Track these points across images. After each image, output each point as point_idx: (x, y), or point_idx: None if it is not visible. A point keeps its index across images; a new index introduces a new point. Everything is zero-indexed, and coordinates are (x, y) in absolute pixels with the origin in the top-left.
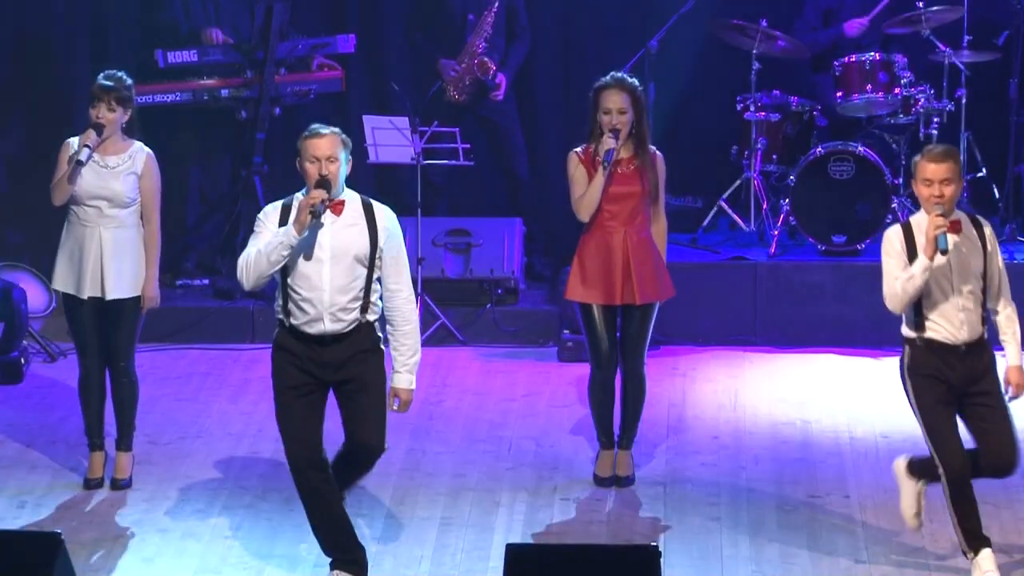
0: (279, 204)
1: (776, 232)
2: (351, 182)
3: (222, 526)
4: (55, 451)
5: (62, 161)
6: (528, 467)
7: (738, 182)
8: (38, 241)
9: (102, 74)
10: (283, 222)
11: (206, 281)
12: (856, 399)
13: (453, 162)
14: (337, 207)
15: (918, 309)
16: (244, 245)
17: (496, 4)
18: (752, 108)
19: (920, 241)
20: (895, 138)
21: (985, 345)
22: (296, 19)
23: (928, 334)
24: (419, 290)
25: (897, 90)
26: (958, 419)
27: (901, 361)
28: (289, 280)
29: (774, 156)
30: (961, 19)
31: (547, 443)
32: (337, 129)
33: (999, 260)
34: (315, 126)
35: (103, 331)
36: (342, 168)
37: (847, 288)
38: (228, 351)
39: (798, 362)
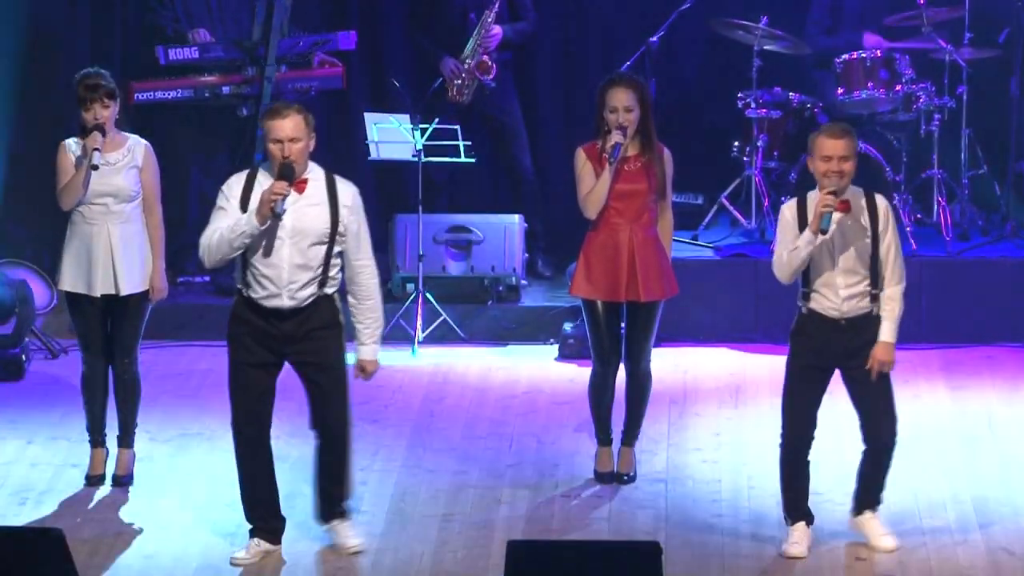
0: (243, 176)
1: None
2: (353, 177)
3: (223, 523)
4: (56, 448)
5: (63, 165)
6: (529, 464)
7: (739, 179)
8: (39, 238)
9: (81, 76)
10: (245, 195)
11: (207, 278)
12: None
13: (454, 159)
14: (300, 185)
15: (805, 280)
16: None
17: (496, 3)
18: (753, 105)
19: (811, 216)
20: (896, 135)
21: (871, 320)
22: (297, 16)
23: (812, 304)
24: (420, 287)
25: (898, 87)
26: (841, 389)
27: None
28: (248, 255)
29: (775, 153)
30: (962, 16)
31: (548, 440)
32: (298, 106)
33: (890, 239)
34: (277, 104)
35: (109, 328)
36: (306, 147)
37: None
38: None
39: None
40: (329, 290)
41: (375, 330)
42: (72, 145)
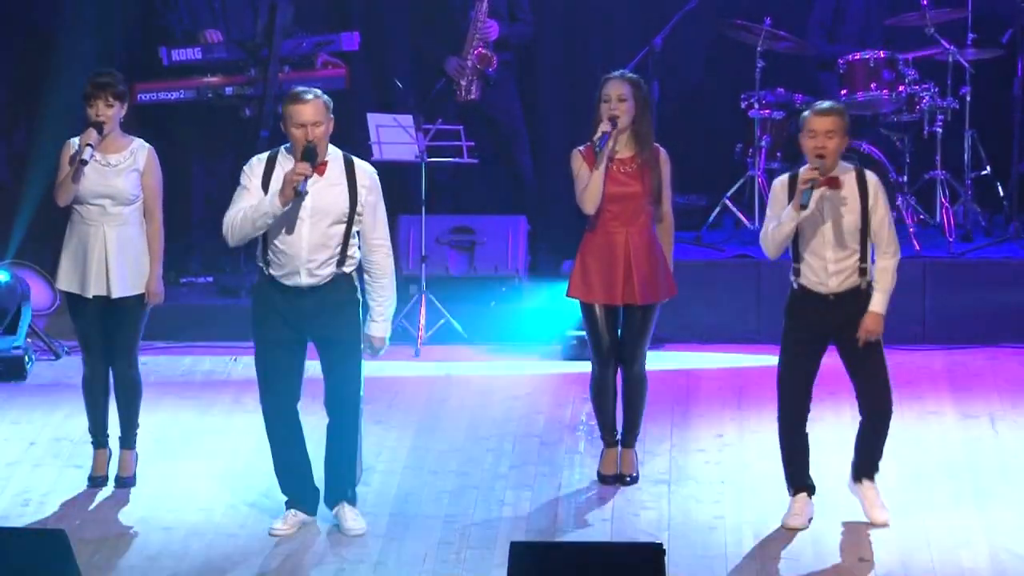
0: (264, 156)
1: None
2: None
3: (226, 524)
4: (59, 449)
5: (64, 162)
6: (532, 465)
7: (742, 180)
8: (42, 239)
9: (93, 72)
10: (266, 176)
11: (210, 279)
12: None
13: (457, 160)
14: (320, 167)
15: (795, 256)
16: (248, 242)
17: None
18: (756, 106)
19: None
20: (899, 136)
21: (861, 295)
22: (300, 17)
23: (802, 280)
24: (423, 287)
25: (901, 88)
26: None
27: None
28: (269, 234)
29: (778, 154)
30: (965, 17)
31: (551, 441)
32: (318, 91)
33: (881, 212)
34: (298, 90)
35: (107, 329)
36: (326, 130)
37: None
38: (232, 349)
39: None
40: (347, 268)
41: (387, 308)
42: (74, 143)
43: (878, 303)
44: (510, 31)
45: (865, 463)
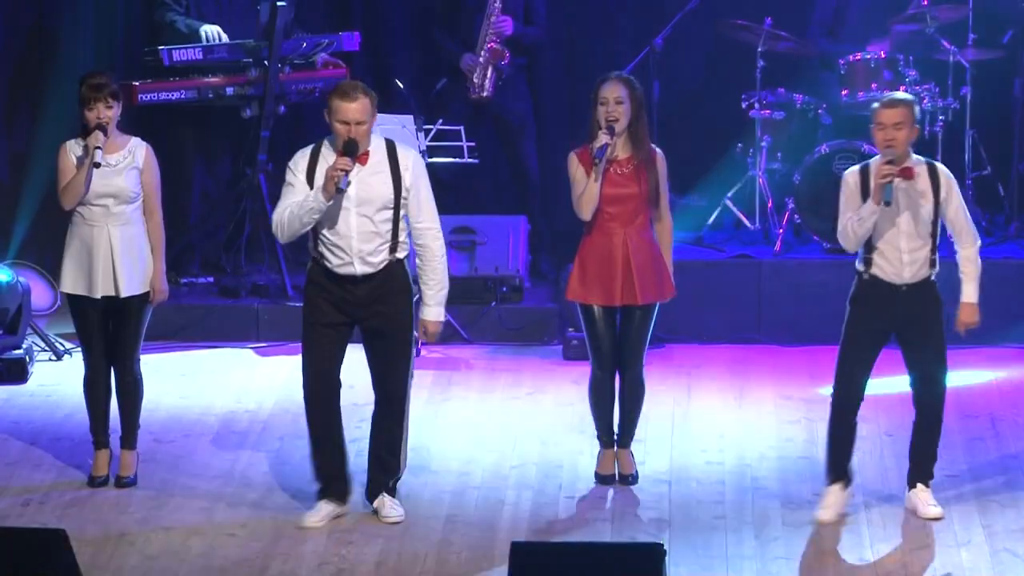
0: (308, 151)
1: (781, 230)
2: None
3: (226, 524)
4: (60, 449)
5: (64, 166)
6: (533, 465)
7: (743, 180)
8: (42, 239)
9: (85, 76)
10: (310, 170)
11: (210, 279)
12: None
13: (458, 160)
14: (363, 157)
15: (867, 247)
16: (249, 243)
17: None
18: (757, 106)
19: (873, 184)
20: None
21: (930, 286)
22: (301, 17)
23: (873, 270)
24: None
25: (902, 88)
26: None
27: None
28: (318, 227)
29: (779, 154)
30: (966, 17)
31: (552, 441)
32: (365, 86)
33: (956, 203)
34: (346, 85)
35: (110, 329)
36: (370, 127)
37: (851, 286)
38: (233, 349)
39: (803, 360)
40: (400, 254)
41: (439, 291)
42: (73, 146)
43: (971, 293)
44: (524, 33)
45: (920, 469)
